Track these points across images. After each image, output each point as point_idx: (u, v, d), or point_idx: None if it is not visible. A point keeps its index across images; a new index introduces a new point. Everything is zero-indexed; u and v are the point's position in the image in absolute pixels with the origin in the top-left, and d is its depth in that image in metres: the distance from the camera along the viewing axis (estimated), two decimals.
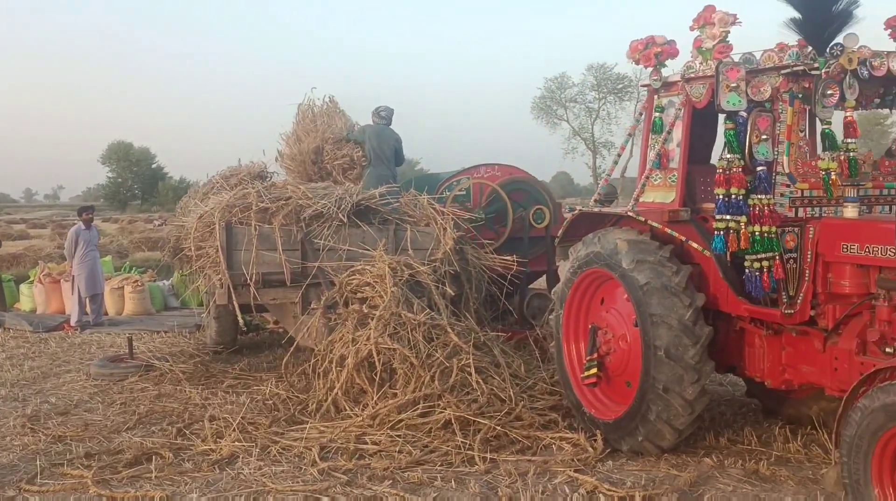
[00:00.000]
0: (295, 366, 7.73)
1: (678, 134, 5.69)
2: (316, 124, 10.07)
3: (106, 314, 12.35)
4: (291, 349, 7.61)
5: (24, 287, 13.58)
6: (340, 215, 7.72)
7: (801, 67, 4.89)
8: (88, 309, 11.77)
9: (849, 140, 5.01)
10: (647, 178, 5.88)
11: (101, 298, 12.13)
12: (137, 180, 69.37)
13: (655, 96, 5.86)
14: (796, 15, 4.81)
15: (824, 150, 5.04)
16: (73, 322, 11.53)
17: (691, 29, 5.19)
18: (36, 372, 8.72)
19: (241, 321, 9.02)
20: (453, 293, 7.56)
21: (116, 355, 9.13)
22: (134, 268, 14.38)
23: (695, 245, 5.54)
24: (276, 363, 8.76)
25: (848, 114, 5.02)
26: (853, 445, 4.04)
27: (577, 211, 6.54)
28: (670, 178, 5.74)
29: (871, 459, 3.99)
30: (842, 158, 4.95)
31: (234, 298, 7.50)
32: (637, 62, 5.80)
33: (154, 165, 70.59)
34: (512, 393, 6.43)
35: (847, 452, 4.08)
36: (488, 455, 5.66)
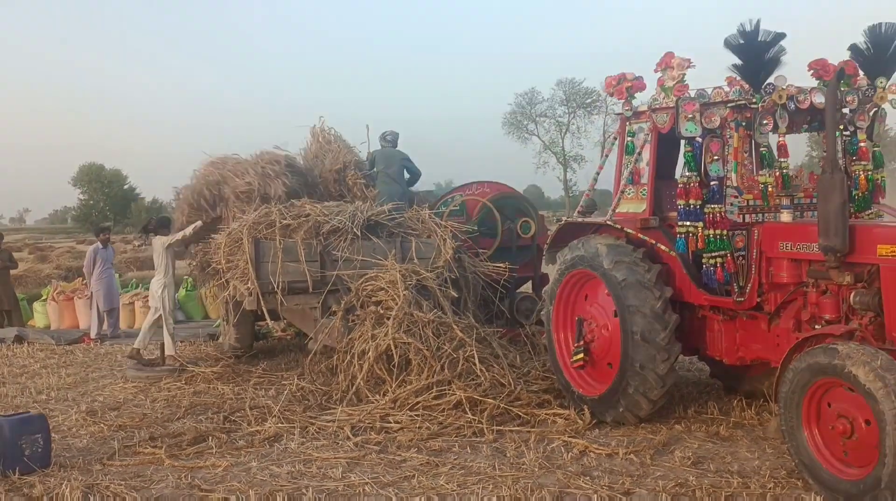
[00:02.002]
0: (314, 364, 8.73)
1: (647, 155, 6.83)
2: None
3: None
4: (315, 349, 8.60)
5: (37, 305, 14.37)
6: (354, 229, 8.78)
7: (743, 102, 6.08)
8: (106, 323, 12.65)
9: (782, 160, 6.19)
10: (622, 192, 7.02)
11: (118, 312, 13.03)
12: (109, 202, 69.01)
13: (627, 124, 7.01)
14: (737, 61, 6.00)
15: (762, 167, 6.23)
16: (92, 335, 12.40)
17: (655, 71, 6.35)
18: (74, 378, 9.59)
19: (270, 324, 9.94)
20: (455, 296, 8.63)
21: (148, 360, 10.04)
22: (141, 285, 15.23)
23: (662, 247, 6.66)
24: (293, 364, 9.77)
25: (780, 138, 6.19)
26: (787, 399, 5.15)
27: (562, 222, 7.67)
28: (641, 192, 6.87)
29: (801, 409, 5.10)
30: (777, 174, 6.14)
31: (262, 304, 8.51)
32: (611, 95, 6.97)
33: (126, 187, 70.58)
34: (511, 378, 7.51)
35: (783, 404, 5.19)
36: (495, 428, 6.74)
